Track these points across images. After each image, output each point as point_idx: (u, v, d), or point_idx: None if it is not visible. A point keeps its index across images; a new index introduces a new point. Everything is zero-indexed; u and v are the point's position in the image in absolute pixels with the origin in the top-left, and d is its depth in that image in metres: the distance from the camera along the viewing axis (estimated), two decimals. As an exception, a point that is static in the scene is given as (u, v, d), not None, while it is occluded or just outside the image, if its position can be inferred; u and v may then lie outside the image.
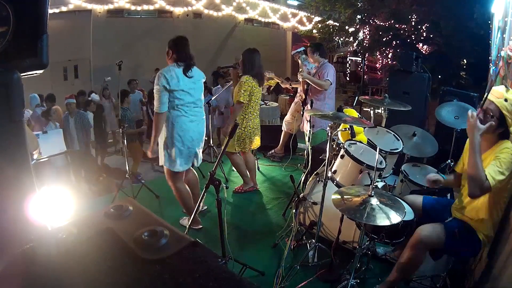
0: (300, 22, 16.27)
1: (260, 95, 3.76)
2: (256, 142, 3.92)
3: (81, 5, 9.61)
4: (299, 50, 4.86)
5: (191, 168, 3.22)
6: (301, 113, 4.34)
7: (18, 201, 0.89)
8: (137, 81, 7.77)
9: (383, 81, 12.36)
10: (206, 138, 3.75)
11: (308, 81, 4.20)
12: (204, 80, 3.13)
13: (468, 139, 2.16)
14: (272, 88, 6.96)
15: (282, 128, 5.08)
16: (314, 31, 12.07)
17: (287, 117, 5.02)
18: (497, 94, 1.91)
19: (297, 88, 5.12)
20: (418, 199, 2.41)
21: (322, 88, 4.19)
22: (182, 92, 2.84)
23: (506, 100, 1.86)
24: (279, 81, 5.09)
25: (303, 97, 4.40)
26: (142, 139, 5.75)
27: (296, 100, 5.00)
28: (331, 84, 4.25)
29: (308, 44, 4.79)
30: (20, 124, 0.87)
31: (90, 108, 5.95)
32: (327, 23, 11.41)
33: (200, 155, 3.16)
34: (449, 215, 2.22)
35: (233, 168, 4.21)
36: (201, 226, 3.27)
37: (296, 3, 16.30)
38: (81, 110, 5.67)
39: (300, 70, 4.51)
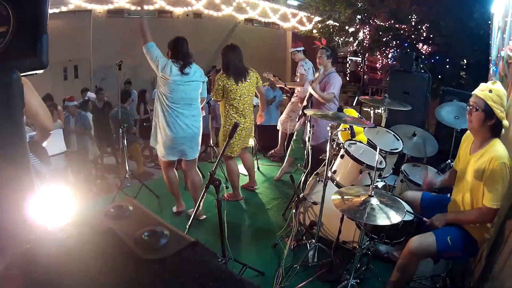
0: (300, 22, 16.26)
1: (244, 93, 3.47)
2: (247, 143, 3.82)
3: (81, 5, 9.60)
4: (299, 49, 4.81)
5: (197, 171, 3.36)
6: (297, 113, 4.29)
7: (18, 201, 0.89)
8: (131, 81, 7.83)
9: (383, 81, 12.36)
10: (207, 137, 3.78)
11: (313, 92, 3.72)
12: (205, 81, 3.18)
13: (464, 135, 2.23)
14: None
15: (278, 128, 5.08)
16: (314, 31, 12.06)
17: (282, 117, 5.02)
18: (482, 87, 1.95)
19: (294, 88, 5.10)
20: (417, 195, 2.43)
21: (324, 101, 3.75)
22: (170, 83, 2.90)
23: (490, 91, 1.89)
24: (274, 80, 5.05)
25: (303, 102, 4.19)
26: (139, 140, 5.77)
27: (293, 100, 4.99)
28: (334, 97, 3.85)
29: (322, 46, 4.43)
30: (20, 124, 0.86)
31: (88, 107, 5.93)
32: (327, 23, 11.39)
33: (190, 152, 3.20)
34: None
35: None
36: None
37: (296, 3, 16.28)
38: (82, 111, 5.66)
39: (314, 79, 3.82)
